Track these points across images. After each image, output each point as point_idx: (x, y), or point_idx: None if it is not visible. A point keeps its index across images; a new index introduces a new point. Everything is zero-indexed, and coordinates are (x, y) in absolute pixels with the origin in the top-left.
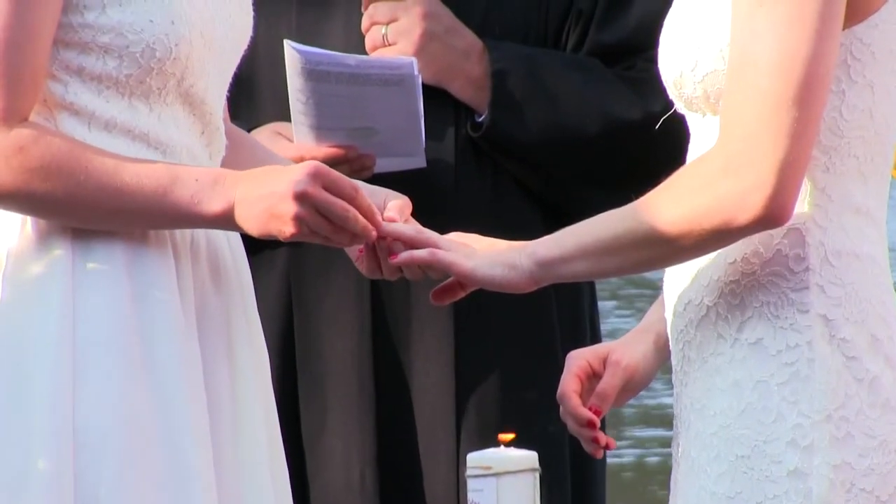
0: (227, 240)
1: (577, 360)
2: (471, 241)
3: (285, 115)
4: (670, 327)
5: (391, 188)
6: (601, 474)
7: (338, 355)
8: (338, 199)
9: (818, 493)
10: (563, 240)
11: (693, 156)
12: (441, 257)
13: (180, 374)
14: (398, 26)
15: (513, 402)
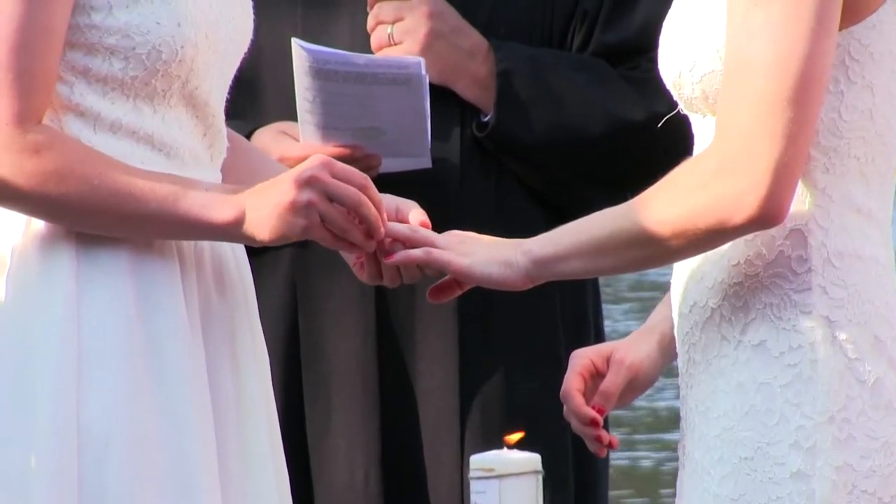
0: (230, 247)
1: (580, 358)
2: (467, 239)
3: (290, 115)
4: (677, 329)
5: (396, 188)
6: (604, 475)
7: (342, 356)
8: (349, 185)
9: (821, 494)
10: (559, 238)
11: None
12: (437, 256)
13: (185, 378)
14: (404, 25)
15: (516, 403)
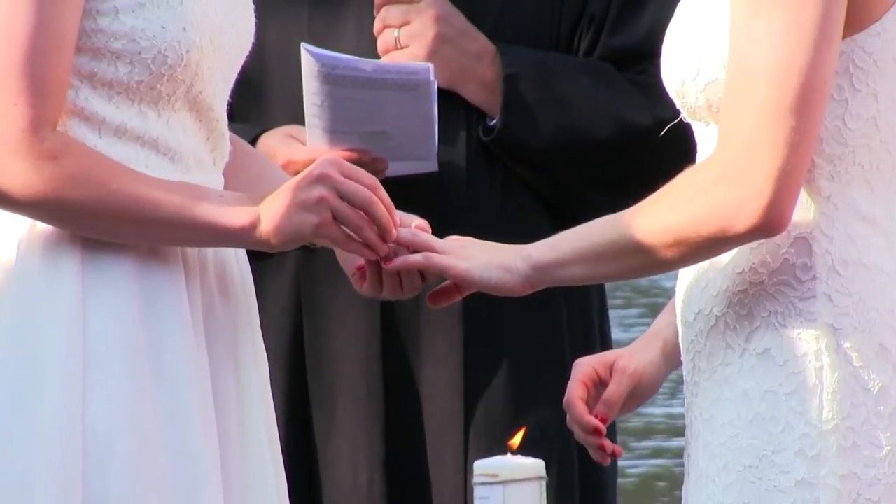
0: (234, 252)
1: (583, 367)
2: (467, 243)
3: (296, 118)
4: (681, 338)
5: (402, 191)
6: (612, 480)
7: (346, 360)
8: (360, 185)
9: (825, 502)
10: (559, 244)
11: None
12: (436, 260)
13: (188, 381)
14: (410, 29)
15: (521, 408)
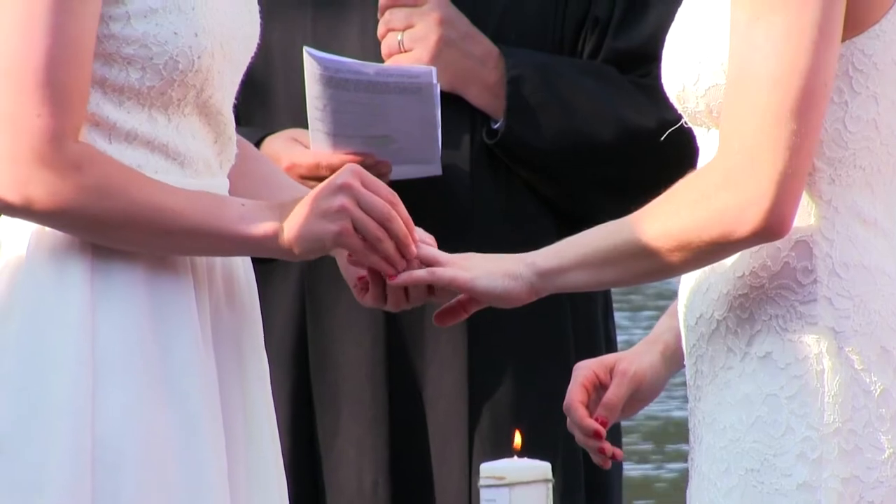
0: (241, 261)
1: (583, 370)
2: (470, 256)
3: (300, 121)
4: (684, 342)
5: (406, 195)
6: (617, 482)
7: (351, 363)
8: (379, 198)
9: None
10: (563, 250)
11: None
12: (440, 275)
13: (197, 390)
14: (414, 32)
15: (526, 410)
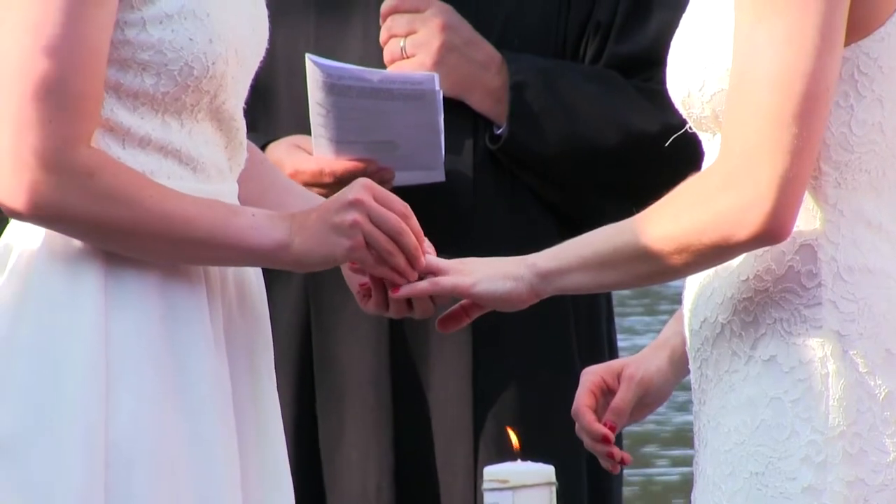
0: (253, 270)
1: (591, 375)
2: (469, 261)
3: (304, 127)
4: (689, 345)
5: (409, 200)
6: (618, 487)
7: (355, 367)
8: (391, 213)
9: None
10: (564, 252)
11: None
12: (442, 284)
13: (211, 397)
14: (417, 38)
15: (530, 415)
